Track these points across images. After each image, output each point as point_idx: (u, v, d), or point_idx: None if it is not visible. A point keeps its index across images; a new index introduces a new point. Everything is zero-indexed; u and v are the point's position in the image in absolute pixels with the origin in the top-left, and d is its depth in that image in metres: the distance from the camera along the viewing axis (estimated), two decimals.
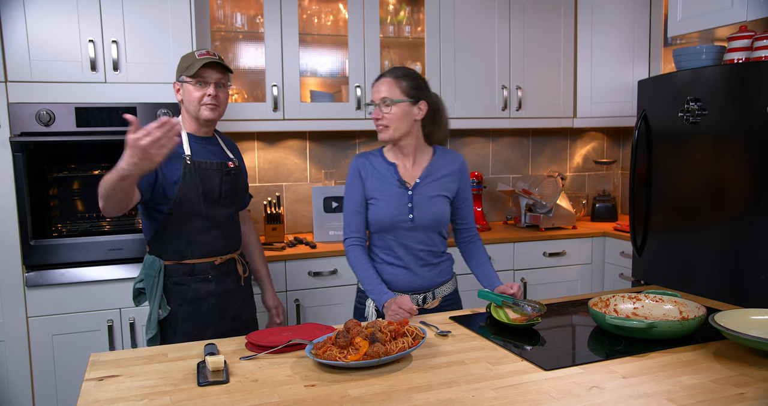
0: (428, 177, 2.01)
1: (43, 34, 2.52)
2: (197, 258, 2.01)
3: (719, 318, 1.54)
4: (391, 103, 1.93)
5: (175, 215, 1.97)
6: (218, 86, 2.00)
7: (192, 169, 1.97)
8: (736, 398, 1.24)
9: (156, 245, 2.02)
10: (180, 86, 2.02)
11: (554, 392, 1.29)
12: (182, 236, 1.99)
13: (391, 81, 1.95)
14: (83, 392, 1.33)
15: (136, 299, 2.09)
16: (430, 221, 1.98)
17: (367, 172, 2.02)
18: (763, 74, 2.33)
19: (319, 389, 1.32)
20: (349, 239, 2.02)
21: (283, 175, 3.46)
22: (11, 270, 2.55)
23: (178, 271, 2.00)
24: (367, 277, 1.96)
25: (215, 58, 2.00)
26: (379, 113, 1.94)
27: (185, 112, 2.04)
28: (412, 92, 1.95)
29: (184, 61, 2.03)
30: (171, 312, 2.00)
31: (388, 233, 2.00)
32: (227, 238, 2.08)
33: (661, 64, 3.37)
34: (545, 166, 4.01)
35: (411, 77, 1.96)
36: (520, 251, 3.31)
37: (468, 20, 3.37)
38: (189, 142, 2.02)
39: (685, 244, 2.71)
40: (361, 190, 2.02)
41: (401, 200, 1.98)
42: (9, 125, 2.50)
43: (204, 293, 2.02)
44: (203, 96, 1.98)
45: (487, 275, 2.04)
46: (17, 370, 2.58)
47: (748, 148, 2.40)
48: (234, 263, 2.11)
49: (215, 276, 2.04)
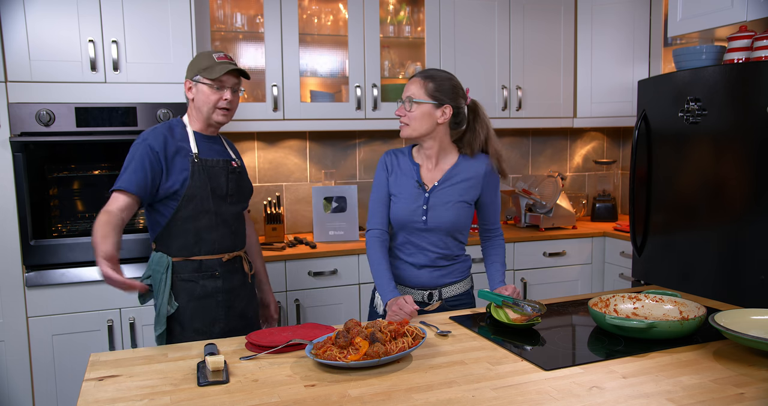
0: (447, 181, 2.01)
1: (43, 34, 2.52)
2: (205, 255, 2.02)
3: (719, 318, 1.54)
4: (414, 101, 1.94)
5: (183, 211, 1.98)
6: (233, 91, 2.03)
7: (200, 166, 1.99)
8: (736, 398, 1.24)
9: (163, 241, 2.03)
10: (193, 85, 2.01)
11: (554, 392, 1.29)
12: (190, 232, 2.00)
13: (419, 81, 1.96)
14: (83, 392, 1.33)
15: (142, 296, 2.08)
16: (442, 225, 1.99)
17: (393, 168, 2.06)
18: (763, 74, 2.33)
19: (319, 389, 1.32)
20: (371, 230, 2.05)
21: (283, 175, 3.46)
22: (11, 270, 2.55)
23: (186, 267, 2.01)
24: (379, 271, 1.97)
25: (235, 64, 2.01)
26: (402, 111, 1.97)
27: (195, 111, 2.04)
28: (437, 95, 1.95)
29: (201, 61, 2.01)
30: (179, 308, 2.00)
31: (403, 230, 2.03)
32: (234, 235, 2.10)
33: (661, 64, 3.37)
34: (545, 166, 4.01)
35: (440, 80, 1.97)
36: (520, 251, 3.31)
37: (468, 20, 3.37)
38: (195, 141, 2.03)
39: (685, 244, 2.71)
40: (386, 184, 2.05)
41: (417, 201, 2.00)
42: (9, 125, 2.50)
43: (212, 289, 2.03)
44: (219, 100, 1.99)
45: (492, 275, 2.05)
46: (17, 370, 2.58)
47: (748, 148, 2.40)
48: (240, 261, 2.13)
49: (222, 273, 2.05)
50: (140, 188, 1.90)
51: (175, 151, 1.98)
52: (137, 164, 1.92)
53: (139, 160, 1.93)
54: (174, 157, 1.97)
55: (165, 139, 1.97)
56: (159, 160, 1.94)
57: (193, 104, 2.03)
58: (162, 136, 1.97)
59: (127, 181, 1.90)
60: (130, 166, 1.93)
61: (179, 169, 1.97)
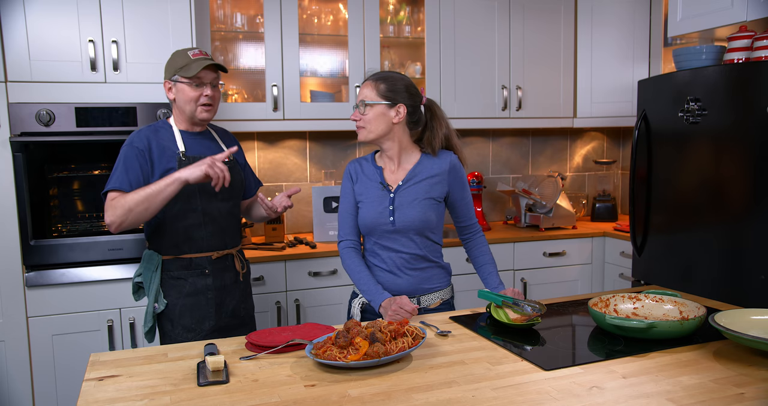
0: (411, 180, 2.00)
1: (43, 34, 2.52)
2: (194, 253, 2.04)
3: (719, 318, 1.54)
4: (367, 104, 1.94)
5: (170, 210, 2.00)
6: (212, 86, 2.03)
7: (186, 164, 1.98)
8: (736, 398, 1.24)
9: (155, 240, 2.06)
10: (172, 85, 2.03)
11: (554, 392, 1.29)
12: (179, 231, 2.02)
13: (371, 83, 1.96)
14: (83, 392, 1.33)
15: (136, 293, 2.11)
16: (410, 224, 1.96)
17: (357, 176, 2.05)
18: (763, 74, 2.33)
19: (319, 389, 1.32)
20: (343, 241, 2.03)
21: (283, 175, 3.46)
22: (11, 270, 2.55)
23: (176, 265, 2.04)
24: (362, 278, 1.96)
25: (211, 59, 2.02)
26: (357, 115, 1.97)
27: (178, 110, 2.06)
28: (389, 95, 1.94)
29: (177, 60, 2.02)
30: (169, 305, 2.02)
31: (372, 236, 2.01)
32: (224, 233, 2.10)
33: (661, 64, 3.37)
34: (545, 166, 4.01)
35: (391, 80, 1.96)
36: (520, 251, 3.31)
37: (468, 20, 3.37)
38: (182, 139, 2.05)
39: (685, 244, 2.71)
40: (352, 193, 2.04)
41: (383, 203, 1.98)
42: (9, 125, 2.50)
43: (201, 287, 2.05)
44: (200, 96, 2.01)
45: (486, 278, 2.03)
46: (17, 370, 2.58)
47: (748, 148, 2.40)
48: (231, 259, 2.13)
49: (212, 271, 2.06)
50: (135, 186, 1.92)
51: (160, 151, 2.00)
52: (128, 164, 1.95)
53: (128, 160, 1.95)
54: (160, 157, 1.99)
55: (149, 140, 2.00)
56: (146, 159, 1.97)
57: (176, 104, 2.05)
58: (146, 138, 2.00)
59: (119, 180, 1.93)
60: (119, 166, 1.96)
61: (165, 168, 1.98)
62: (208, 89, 2.01)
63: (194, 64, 1.98)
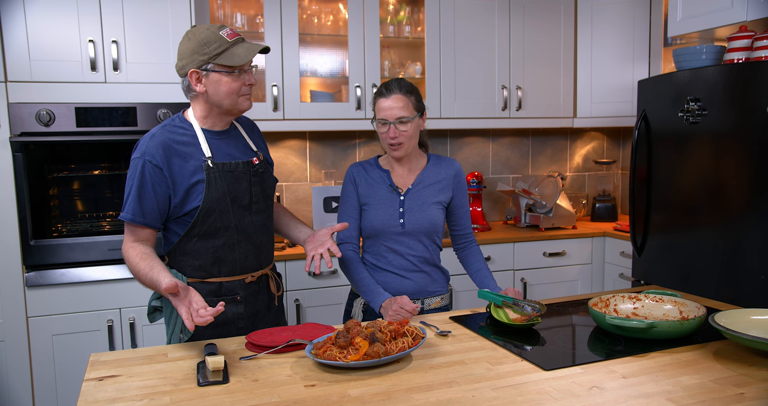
0: (421, 183, 2.01)
1: (43, 34, 2.52)
2: (225, 276, 1.74)
3: (719, 318, 1.54)
4: (407, 120, 1.91)
5: (198, 229, 1.69)
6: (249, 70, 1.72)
7: (216, 173, 1.68)
8: (736, 398, 1.24)
9: (176, 259, 1.74)
10: (202, 75, 1.65)
11: (554, 392, 1.29)
12: (208, 252, 1.71)
13: (402, 98, 1.91)
14: (83, 392, 1.33)
15: (151, 315, 1.82)
16: (420, 227, 1.98)
17: (360, 179, 2.04)
18: (763, 74, 2.33)
19: (319, 389, 1.32)
20: (342, 244, 2.03)
21: (283, 175, 3.46)
22: (11, 270, 2.55)
23: (202, 290, 1.71)
24: (362, 279, 1.96)
25: (255, 44, 1.68)
26: (395, 132, 1.90)
27: (208, 105, 1.71)
28: (419, 105, 1.96)
29: (207, 42, 1.62)
30: (194, 337, 1.71)
31: (379, 238, 2.01)
32: (260, 251, 1.80)
33: (661, 64, 3.37)
34: (545, 166, 4.01)
35: (415, 90, 1.97)
36: (520, 251, 3.31)
37: (468, 20, 3.37)
38: (207, 141, 1.71)
39: (685, 244, 2.71)
40: (355, 196, 2.03)
41: (392, 205, 1.99)
42: (9, 125, 2.50)
43: (232, 316, 1.76)
44: (242, 86, 1.68)
45: (482, 281, 2.04)
46: (17, 370, 2.58)
47: (748, 148, 2.40)
48: (266, 280, 1.85)
49: (245, 296, 1.77)
50: (151, 218, 1.66)
51: (182, 161, 1.67)
52: (142, 189, 1.64)
53: (142, 184, 1.64)
54: (182, 171, 1.66)
55: (166, 150, 1.66)
56: (164, 177, 1.65)
57: (205, 98, 1.68)
58: (162, 146, 1.65)
59: (132, 211, 1.65)
60: (132, 190, 1.65)
61: (190, 183, 1.66)
62: (250, 76, 1.69)
63: (237, 48, 1.63)
